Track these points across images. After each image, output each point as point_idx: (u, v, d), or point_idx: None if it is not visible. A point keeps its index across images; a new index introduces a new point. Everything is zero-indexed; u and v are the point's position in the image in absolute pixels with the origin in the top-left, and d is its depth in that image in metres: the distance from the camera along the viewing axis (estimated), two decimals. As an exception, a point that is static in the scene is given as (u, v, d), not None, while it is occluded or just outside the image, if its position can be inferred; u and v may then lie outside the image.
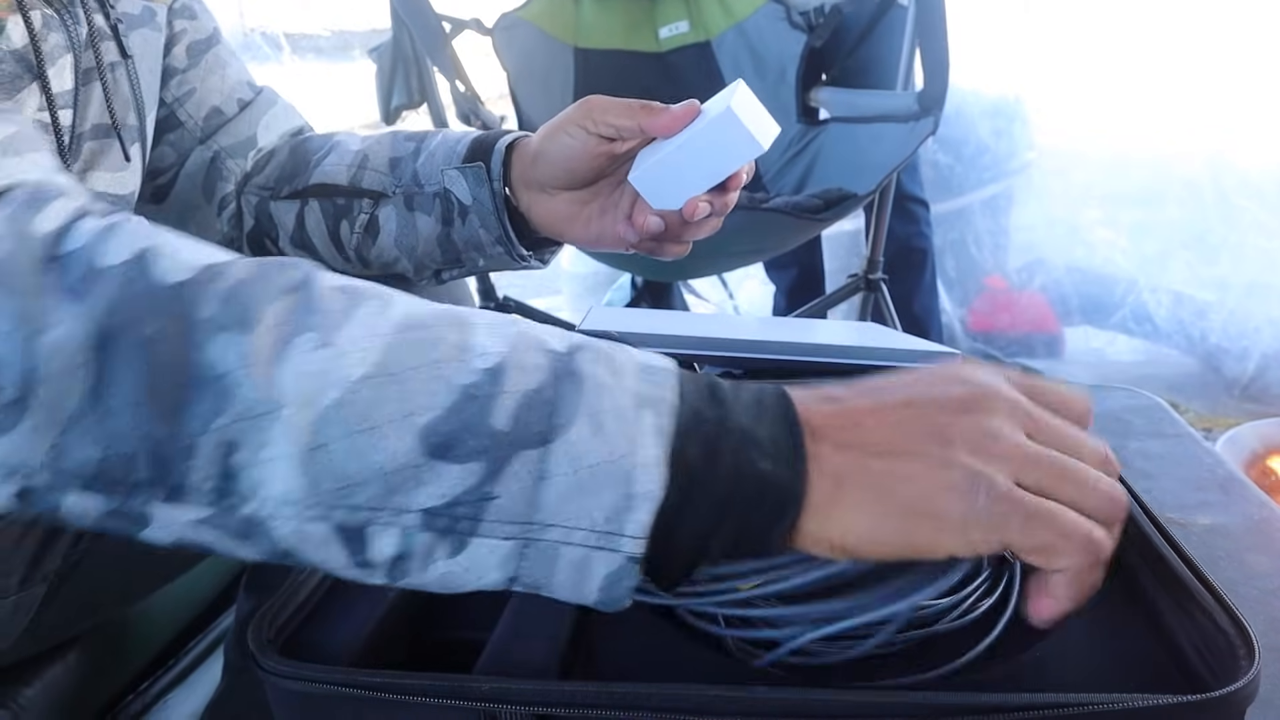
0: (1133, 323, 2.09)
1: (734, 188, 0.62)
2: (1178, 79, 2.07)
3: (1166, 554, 0.46)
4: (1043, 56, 2.20)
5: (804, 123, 1.76)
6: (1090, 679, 0.42)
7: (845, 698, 0.37)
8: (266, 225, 0.73)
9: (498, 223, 0.66)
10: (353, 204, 0.70)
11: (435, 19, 1.51)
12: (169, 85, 0.71)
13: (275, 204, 0.72)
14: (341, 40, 3.05)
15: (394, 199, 0.68)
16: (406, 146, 0.69)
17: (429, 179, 0.67)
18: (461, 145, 0.67)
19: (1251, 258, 1.98)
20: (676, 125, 0.59)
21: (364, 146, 0.71)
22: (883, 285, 1.74)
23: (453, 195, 0.66)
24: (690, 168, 0.59)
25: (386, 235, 0.69)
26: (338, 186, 0.70)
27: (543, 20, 1.80)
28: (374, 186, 0.69)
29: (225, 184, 0.74)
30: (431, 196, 0.67)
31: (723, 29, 1.86)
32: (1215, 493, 0.70)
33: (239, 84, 0.75)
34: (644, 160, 0.60)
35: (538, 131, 0.64)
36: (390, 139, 0.71)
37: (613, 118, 0.60)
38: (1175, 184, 2.06)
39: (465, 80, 1.50)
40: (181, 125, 0.72)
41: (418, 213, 0.68)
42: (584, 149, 0.61)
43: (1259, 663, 0.37)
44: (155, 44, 0.66)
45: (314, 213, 0.71)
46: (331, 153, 0.72)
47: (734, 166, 0.59)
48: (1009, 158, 2.27)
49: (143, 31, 0.64)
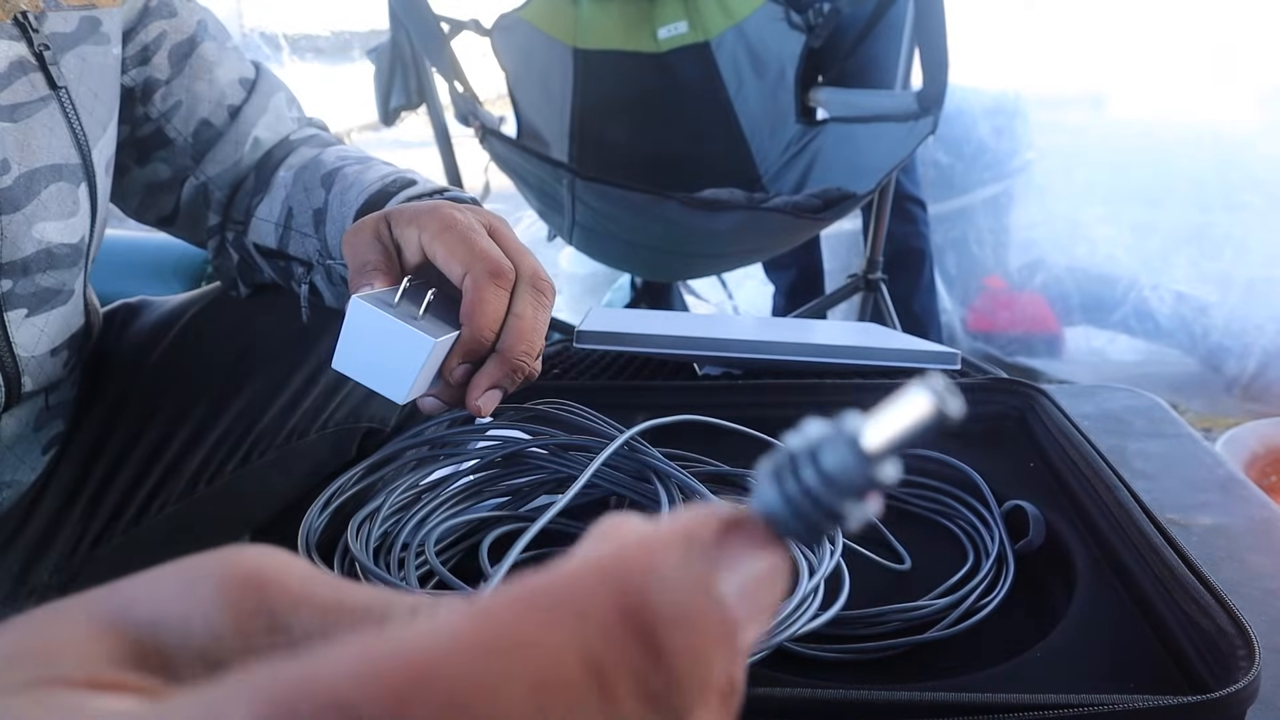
0: (1134, 321, 2.09)
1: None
2: (1178, 78, 2.07)
3: (1166, 554, 0.46)
4: (1043, 55, 2.20)
5: (803, 123, 1.76)
6: (1090, 679, 0.41)
7: (846, 697, 0.37)
8: (249, 257, 0.68)
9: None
10: (291, 266, 0.65)
11: (434, 20, 1.51)
12: (153, 100, 0.66)
13: (247, 240, 0.68)
14: (341, 41, 3.05)
15: (318, 269, 0.64)
16: (320, 197, 0.63)
17: (335, 252, 0.62)
18: (348, 221, 0.60)
19: (1255, 252, 1.98)
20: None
21: (291, 192, 0.65)
22: (882, 285, 1.74)
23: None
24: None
25: (328, 298, 0.65)
26: (270, 249, 0.66)
27: (541, 21, 1.80)
28: (300, 254, 0.64)
29: (215, 215, 0.69)
30: (340, 277, 0.62)
31: (722, 29, 1.86)
32: (1215, 493, 0.70)
33: (229, 86, 0.69)
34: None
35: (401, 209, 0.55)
36: (315, 181, 0.64)
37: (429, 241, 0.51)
38: (1178, 181, 2.06)
39: (464, 81, 1.50)
40: (171, 143, 0.68)
41: (339, 286, 0.63)
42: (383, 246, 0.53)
43: (1259, 663, 0.37)
44: (101, 59, 0.60)
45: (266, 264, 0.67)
46: (265, 198, 0.66)
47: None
48: (1009, 157, 2.27)
49: (82, 49, 0.58)
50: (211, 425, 0.69)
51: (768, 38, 1.79)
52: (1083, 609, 0.46)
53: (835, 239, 2.19)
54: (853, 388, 0.72)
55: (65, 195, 0.56)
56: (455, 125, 1.57)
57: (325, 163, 0.66)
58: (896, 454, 0.15)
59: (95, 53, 0.59)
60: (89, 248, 0.61)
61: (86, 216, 0.59)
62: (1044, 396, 0.67)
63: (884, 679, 0.44)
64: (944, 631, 0.47)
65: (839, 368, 0.79)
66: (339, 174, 0.64)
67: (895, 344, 0.83)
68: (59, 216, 0.56)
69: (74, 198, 0.57)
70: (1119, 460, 0.61)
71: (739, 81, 1.84)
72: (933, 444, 0.63)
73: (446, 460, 0.54)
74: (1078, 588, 0.48)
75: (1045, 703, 0.36)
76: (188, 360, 0.72)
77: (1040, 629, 0.45)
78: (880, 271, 1.74)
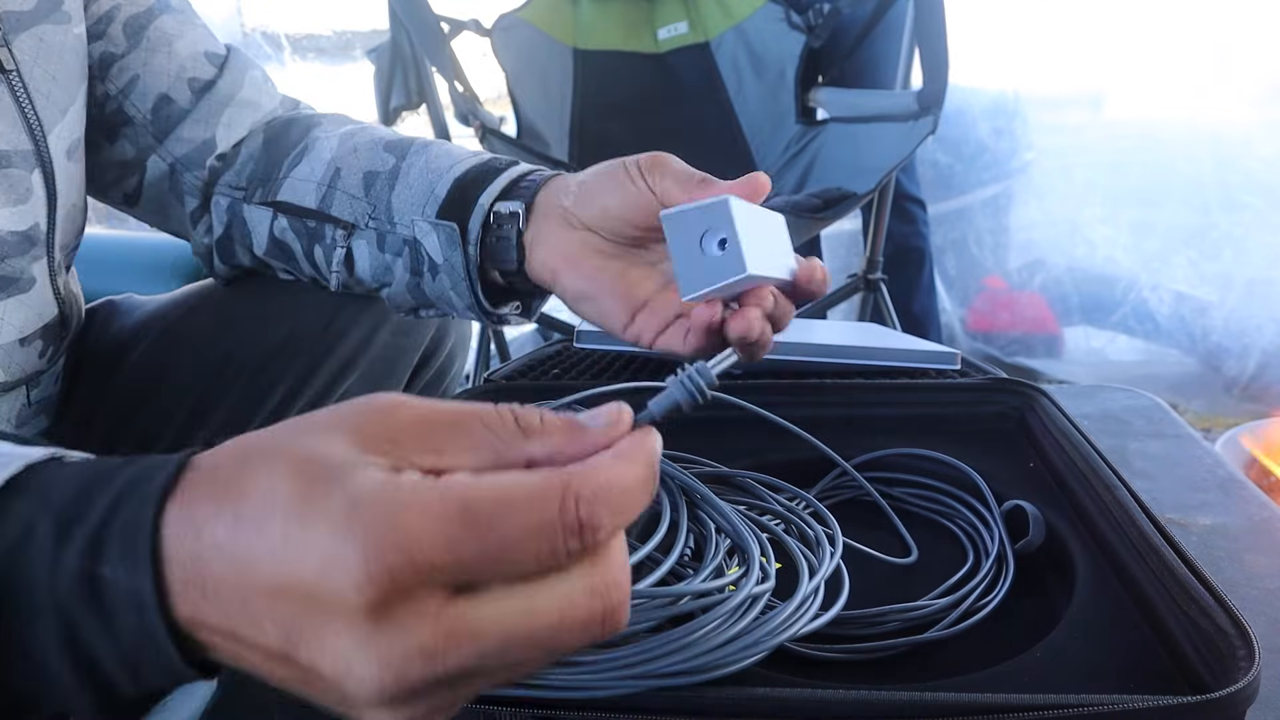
0: (1133, 321, 2.09)
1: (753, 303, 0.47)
2: (1177, 78, 2.07)
3: (1166, 554, 0.46)
4: (1042, 55, 2.20)
5: (803, 123, 1.75)
6: (1090, 679, 0.42)
7: (846, 697, 0.37)
8: (239, 230, 0.65)
9: (469, 290, 0.57)
10: (324, 228, 0.61)
11: (434, 19, 1.51)
12: (109, 75, 0.63)
13: (248, 208, 0.63)
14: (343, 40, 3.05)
15: (365, 232, 0.60)
16: (385, 161, 0.60)
17: (402, 217, 0.58)
18: (441, 187, 0.57)
19: (1255, 253, 1.98)
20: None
21: (338, 154, 0.61)
22: (882, 285, 1.74)
23: (423, 249, 0.57)
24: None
25: (362, 268, 0.61)
26: (306, 209, 0.61)
27: (541, 21, 1.80)
28: (344, 215, 0.60)
29: (192, 198, 0.66)
30: (401, 241, 0.58)
31: (721, 30, 1.86)
32: (1215, 493, 0.70)
33: (192, 59, 0.65)
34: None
35: (595, 166, 0.54)
36: (369, 144, 0.61)
37: (670, 183, 0.50)
38: (1177, 181, 2.06)
39: (464, 81, 1.50)
40: (131, 121, 0.64)
41: (388, 254, 0.60)
42: (634, 200, 0.50)
43: (1259, 663, 0.37)
44: (61, 39, 0.57)
45: (287, 229, 0.63)
46: (304, 158, 0.62)
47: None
48: (1008, 157, 2.27)
49: (40, 29, 0.55)
50: (192, 436, 0.68)
51: (768, 38, 1.79)
52: (1082, 609, 0.46)
53: (835, 239, 2.19)
54: (853, 387, 0.72)
55: (15, 182, 0.55)
56: (455, 125, 1.56)
57: (377, 131, 0.63)
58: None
59: (54, 32, 0.56)
60: (49, 235, 0.59)
61: (41, 203, 0.57)
62: (1044, 396, 0.67)
63: (884, 679, 0.44)
64: (944, 631, 0.47)
65: (839, 367, 0.79)
66: (414, 143, 0.61)
67: (895, 344, 0.83)
68: (7, 204, 0.55)
69: (25, 185, 0.55)
70: (1119, 460, 0.61)
71: (739, 82, 1.84)
72: (933, 444, 0.63)
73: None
74: (1077, 588, 0.48)
75: (1045, 703, 0.36)
76: (165, 368, 0.70)
77: (1040, 629, 0.45)
78: (880, 271, 1.74)
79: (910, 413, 0.69)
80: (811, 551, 0.48)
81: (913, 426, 0.67)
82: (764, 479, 0.56)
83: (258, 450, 0.27)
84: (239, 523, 0.25)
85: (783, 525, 0.51)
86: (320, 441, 0.26)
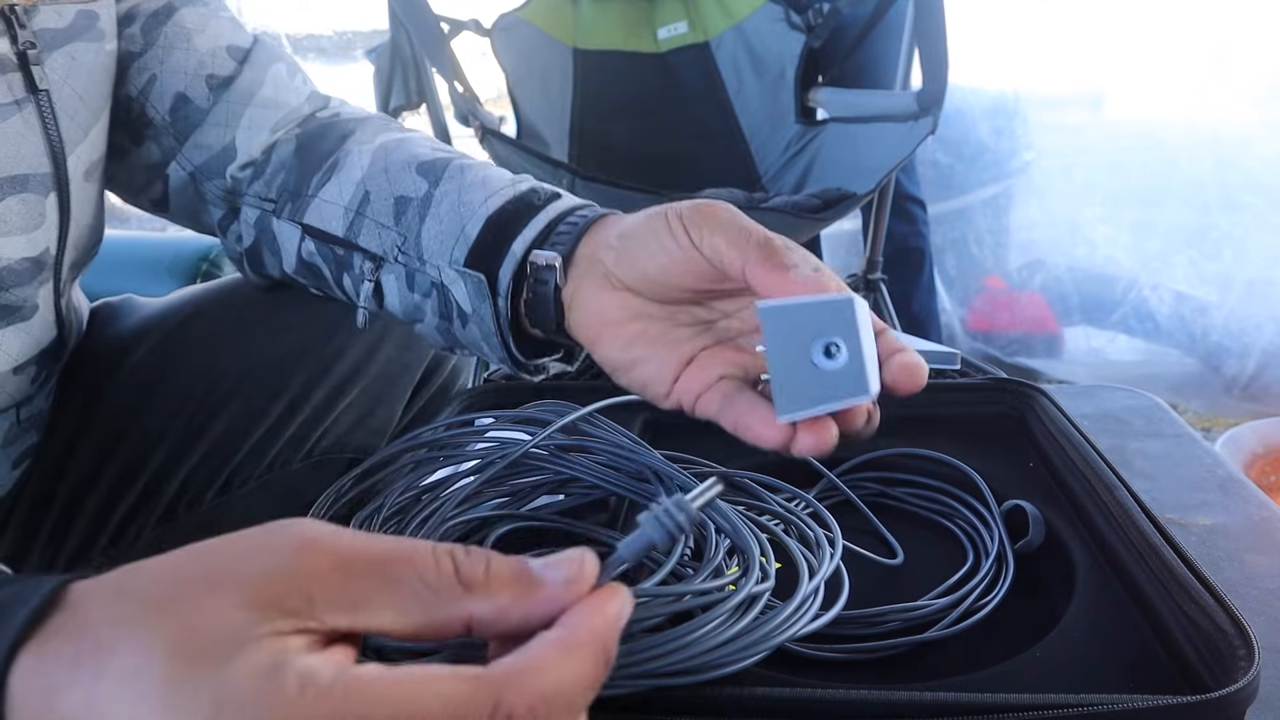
0: (1133, 321, 2.09)
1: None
2: (1177, 78, 2.07)
3: (1166, 554, 0.46)
4: (1042, 55, 2.20)
5: (803, 123, 1.75)
6: (1090, 679, 0.42)
7: (846, 697, 0.37)
8: (268, 244, 0.61)
9: (500, 344, 0.51)
10: (352, 257, 0.57)
11: (433, 19, 1.51)
12: (129, 75, 0.61)
13: (277, 222, 0.60)
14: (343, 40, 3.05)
15: (394, 267, 0.55)
16: (418, 186, 0.54)
17: (431, 256, 0.52)
18: (472, 225, 0.51)
19: (1255, 253, 1.98)
20: (785, 289, 0.40)
21: (369, 173, 0.56)
22: (882, 285, 1.74)
23: (451, 295, 0.52)
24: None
25: (392, 303, 0.56)
26: (333, 236, 0.57)
27: (541, 20, 1.80)
28: (372, 247, 0.55)
29: (216, 208, 0.63)
30: (430, 283, 0.53)
31: (721, 30, 1.86)
32: (1215, 493, 0.70)
33: (212, 54, 0.61)
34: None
35: (639, 214, 0.46)
36: (401, 165, 0.56)
37: (720, 240, 0.42)
38: (1177, 181, 2.06)
39: (464, 81, 1.50)
40: (152, 123, 0.61)
41: (417, 294, 0.54)
42: (677, 261, 0.43)
43: (1259, 663, 0.37)
44: (93, 58, 0.55)
45: (315, 253, 0.59)
46: (334, 176, 0.58)
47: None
48: (1008, 157, 2.27)
49: (73, 47, 0.53)
50: (189, 450, 0.67)
51: (767, 38, 1.79)
52: (1082, 609, 0.46)
53: (835, 239, 2.19)
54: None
55: (29, 208, 0.52)
56: (455, 125, 1.56)
57: (413, 146, 0.57)
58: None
59: (87, 50, 0.54)
60: (57, 259, 0.56)
61: (53, 228, 0.54)
62: (1043, 396, 0.67)
63: (884, 679, 0.44)
64: (944, 631, 0.47)
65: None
66: (450, 164, 0.55)
67: (895, 344, 0.83)
68: (20, 230, 0.52)
69: (40, 210, 0.53)
70: (1119, 460, 0.61)
71: (739, 81, 1.84)
72: (933, 444, 0.63)
73: (446, 461, 0.54)
74: (1077, 588, 0.48)
75: (1045, 703, 0.36)
76: (161, 378, 0.68)
77: (1040, 629, 0.45)
78: (880, 271, 1.74)
79: (910, 412, 0.69)
80: (811, 552, 0.48)
81: (912, 426, 0.67)
82: (763, 479, 0.56)
83: (139, 602, 0.24)
84: (94, 699, 0.22)
85: (782, 526, 0.51)
86: (212, 606, 0.23)
